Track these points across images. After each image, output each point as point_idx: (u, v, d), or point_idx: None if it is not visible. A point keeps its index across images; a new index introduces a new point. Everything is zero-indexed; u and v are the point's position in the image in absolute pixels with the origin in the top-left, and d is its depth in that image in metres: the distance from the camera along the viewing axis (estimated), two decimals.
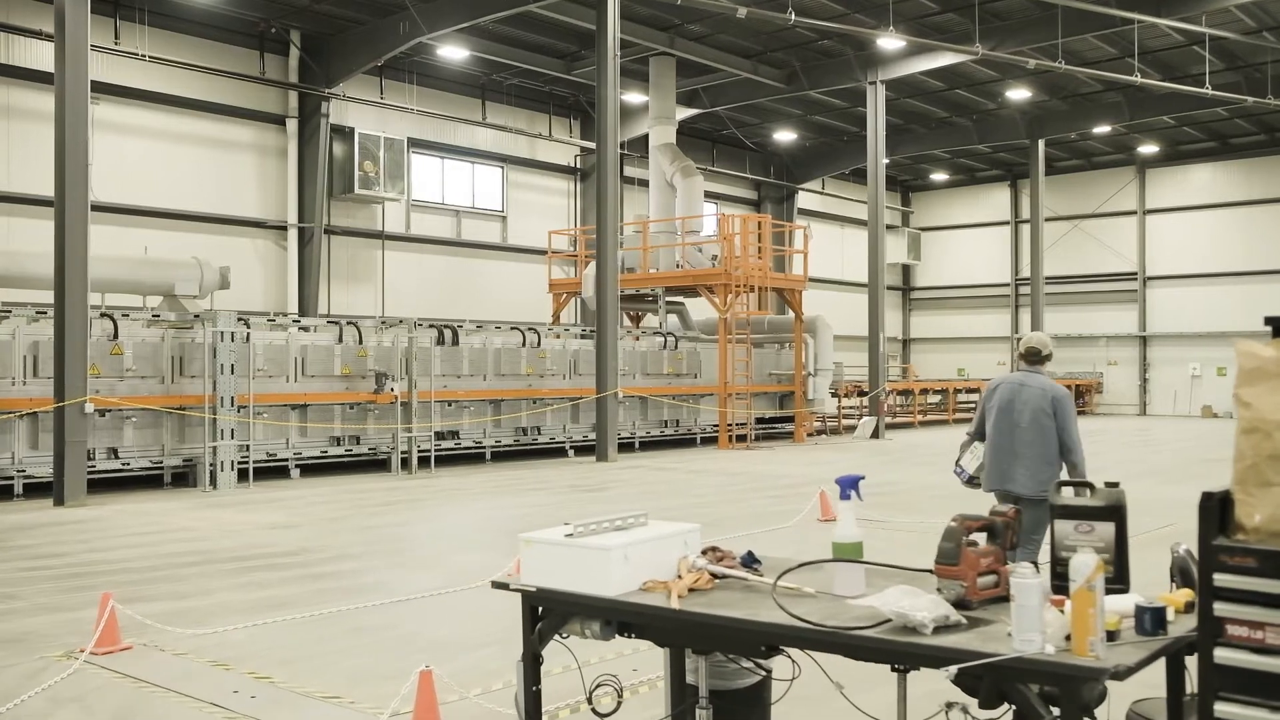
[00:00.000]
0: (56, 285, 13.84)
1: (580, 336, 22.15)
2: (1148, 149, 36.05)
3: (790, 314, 25.97)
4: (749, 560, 3.64)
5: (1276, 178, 35.16)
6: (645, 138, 26.94)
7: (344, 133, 24.19)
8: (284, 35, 23.31)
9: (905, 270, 42.85)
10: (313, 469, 17.49)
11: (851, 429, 27.56)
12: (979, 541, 3.24)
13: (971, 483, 7.09)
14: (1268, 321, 2.88)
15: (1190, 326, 36.22)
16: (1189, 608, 2.95)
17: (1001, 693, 2.80)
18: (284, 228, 23.58)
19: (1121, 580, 3.21)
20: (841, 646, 2.98)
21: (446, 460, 19.26)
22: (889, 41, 23.32)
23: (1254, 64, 26.90)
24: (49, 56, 15.93)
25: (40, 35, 19.07)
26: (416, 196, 26.22)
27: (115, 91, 20.73)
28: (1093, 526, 3.20)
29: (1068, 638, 2.70)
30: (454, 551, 10.38)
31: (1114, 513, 3.21)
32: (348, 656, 6.53)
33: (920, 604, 2.92)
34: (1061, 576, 3.10)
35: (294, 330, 17.70)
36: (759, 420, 25.22)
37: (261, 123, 23.34)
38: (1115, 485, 3.28)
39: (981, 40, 23.07)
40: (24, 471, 14.41)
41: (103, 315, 15.44)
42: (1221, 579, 2.60)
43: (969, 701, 3.00)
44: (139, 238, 20.05)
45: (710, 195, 31.72)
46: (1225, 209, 36.12)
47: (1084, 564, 2.67)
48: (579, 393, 21.10)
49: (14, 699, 5.60)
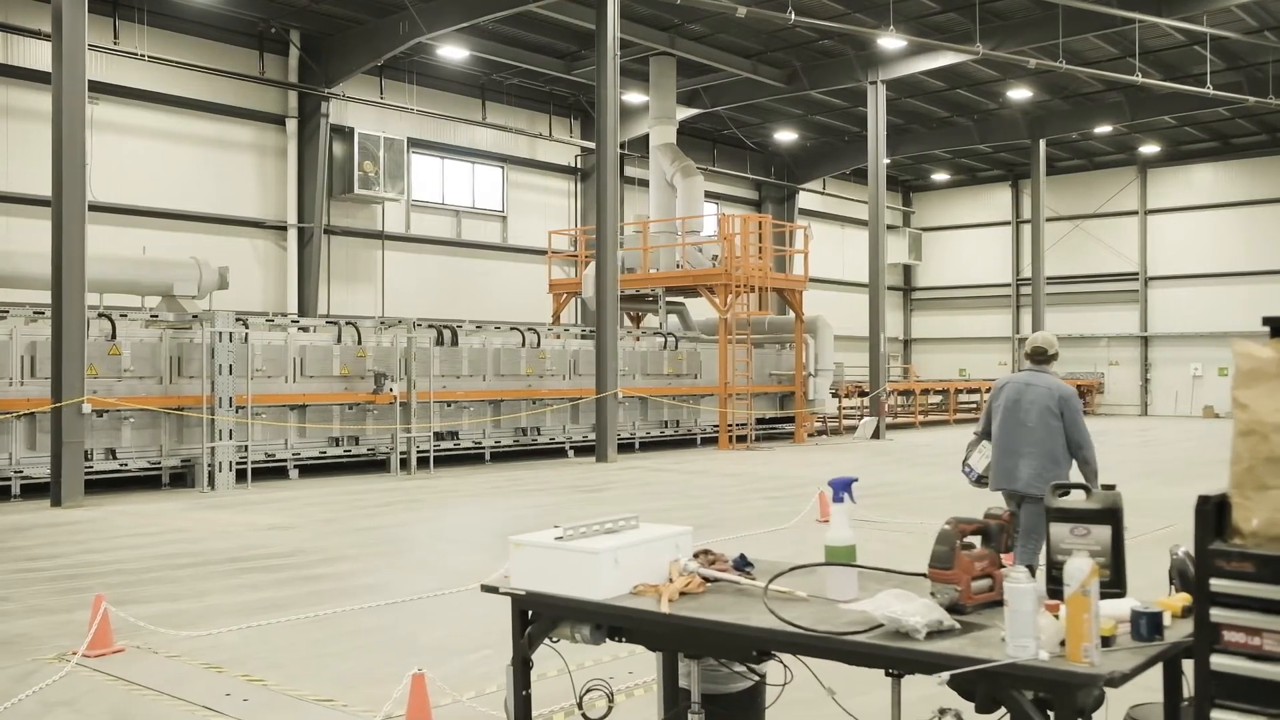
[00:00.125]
0: (54, 285, 13.81)
1: (580, 337, 22.10)
2: (1149, 149, 35.99)
3: (791, 314, 25.92)
4: (741, 563, 3.60)
5: (1278, 178, 35.10)
6: (646, 138, 26.90)
7: (344, 133, 24.16)
8: (284, 35, 23.28)
9: (906, 270, 42.79)
10: (311, 470, 17.46)
11: (852, 429, 27.52)
12: (975, 544, 3.20)
13: (980, 482, 7.19)
14: (1266, 322, 2.82)
15: (1192, 327, 36.16)
16: (1186, 612, 2.90)
17: (996, 698, 2.76)
18: (283, 228, 23.55)
19: (1118, 584, 3.17)
20: (833, 652, 2.93)
21: (446, 461, 19.23)
22: (889, 41, 23.28)
23: (1255, 64, 26.84)
24: (48, 56, 15.92)
25: (39, 35, 19.04)
26: (416, 196, 26.19)
27: (114, 91, 20.71)
28: (1089, 529, 3.16)
29: (1062, 643, 2.66)
30: (451, 553, 10.35)
31: (1110, 515, 3.17)
32: (342, 659, 6.50)
33: (913, 608, 2.87)
34: (1057, 580, 3.06)
35: (293, 330, 17.67)
36: (759, 421, 25.17)
37: (261, 123, 23.31)
38: (1111, 488, 3.24)
39: (982, 40, 23.03)
40: (21, 472, 14.38)
41: (101, 315, 15.41)
42: (1218, 584, 2.55)
43: (964, 706, 2.96)
44: (138, 238, 20.03)
45: (711, 195, 31.68)
46: (1227, 209, 36.05)
47: (1078, 569, 2.62)
48: (579, 393, 21.06)
49: (5, 702, 5.56)
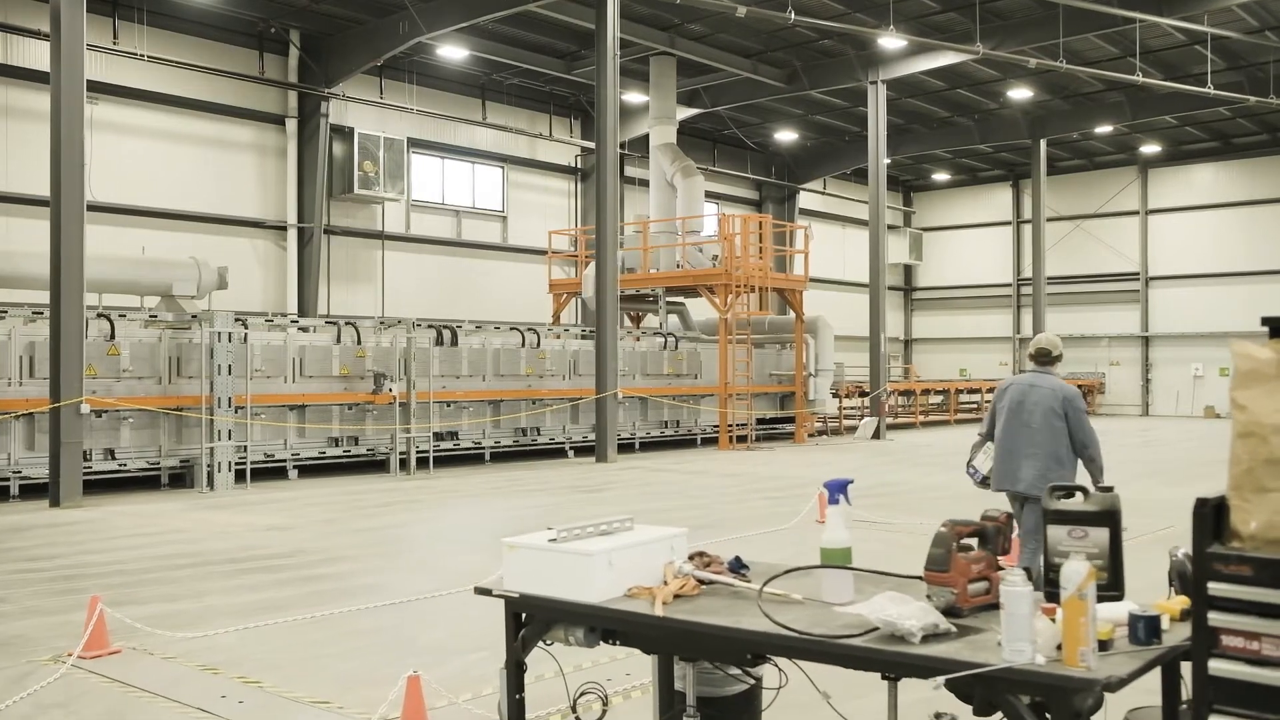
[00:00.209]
0: (52, 285, 13.79)
1: (580, 337, 22.07)
2: (1150, 149, 35.94)
3: (791, 314, 25.89)
4: (736, 565, 3.57)
5: (1279, 177, 35.05)
6: (646, 137, 26.86)
7: (344, 133, 24.14)
8: (283, 35, 23.26)
9: (907, 270, 42.75)
10: (311, 470, 17.43)
11: (852, 430, 27.48)
12: (973, 546, 3.17)
13: (984, 483, 7.26)
14: (1265, 322, 2.78)
15: (1193, 327, 36.11)
16: (1185, 615, 2.87)
17: (992, 702, 2.74)
18: (283, 228, 23.53)
19: (1116, 587, 3.13)
20: (827, 656, 2.90)
21: (445, 461, 19.20)
22: (890, 41, 23.25)
23: (1256, 63, 26.80)
24: (47, 56, 15.88)
25: (38, 35, 19.01)
26: (416, 196, 26.16)
27: (114, 91, 20.70)
28: (1086, 532, 3.12)
29: (1059, 647, 2.63)
30: (451, 553, 10.32)
31: (1108, 518, 3.13)
32: (339, 660, 6.47)
33: (908, 611, 2.84)
34: (1054, 583, 3.03)
35: (292, 331, 17.65)
36: (759, 421, 25.14)
37: (261, 123, 23.29)
38: (1109, 489, 3.21)
39: (982, 40, 22.99)
40: (20, 472, 14.35)
41: (99, 316, 15.38)
42: (1216, 588, 2.52)
43: (962, 709, 2.93)
44: (137, 238, 20.01)
45: (711, 195, 31.65)
46: (1228, 209, 36.00)
47: (1075, 572, 2.59)
48: (579, 393, 21.03)
49: None
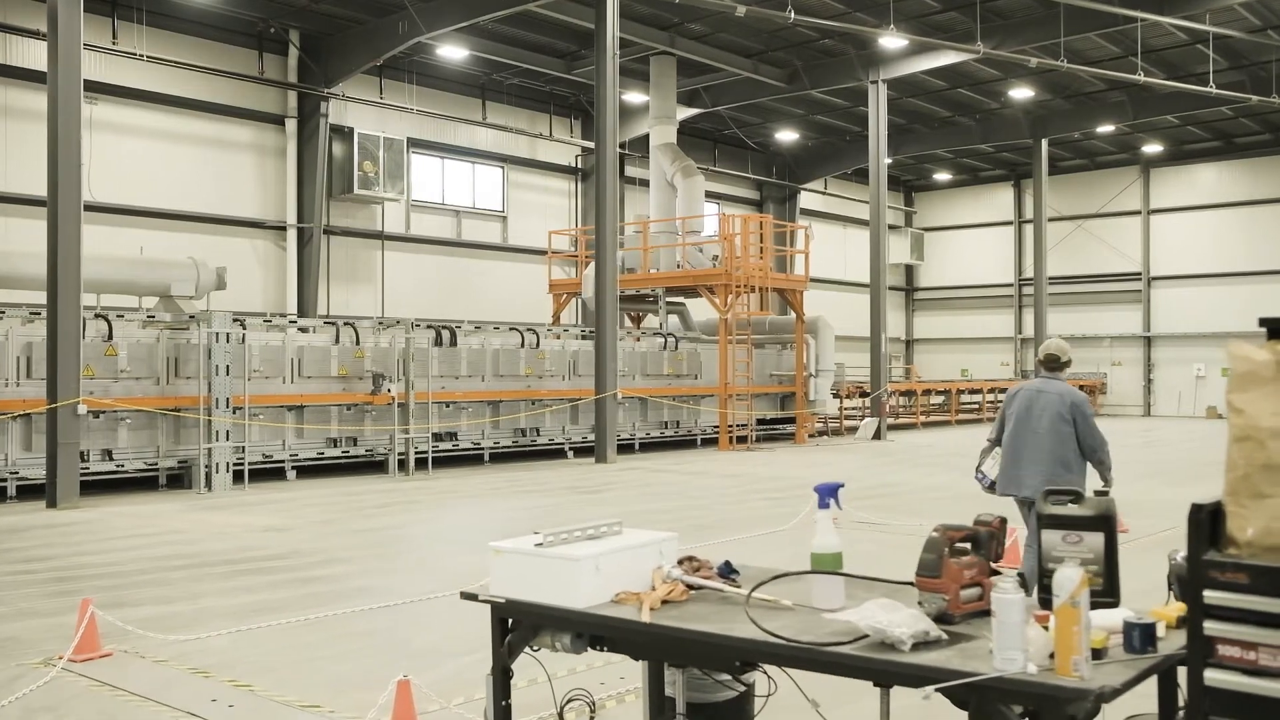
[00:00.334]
0: (49, 285, 13.75)
1: (580, 337, 22.01)
2: (1152, 148, 35.86)
3: (792, 314, 25.82)
4: (726, 570, 3.51)
5: None
6: (646, 137, 26.80)
7: (343, 133, 24.10)
8: (283, 35, 23.22)
9: (908, 270, 42.68)
10: (309, 471, 17.39)
11: (853, 430, 27.42)
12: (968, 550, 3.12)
13: (992, 488, 7.35)
14: (1263, 323, 2.71)
15: (1195, 327, 36.01)
16: (1182, 622, 2.81)
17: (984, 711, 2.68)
18: (283, 228, 23.49)
19: (1112, 593, 3.07)
20: (816, 663, 2.84)
21: (444, 462, 19.15)
22: (890, 40, 23.19)
23: (1258, 62, 26.72)
24: (45, 56, 15.82)
25: (37, 35, 18.95)
26: (416, 197, 26.12)
27: (113, 91, 20.67)
28: (1081, 537, 3.06)
29: (1052, 656, 2.57)
30: (448, 554, 10.26)
31: (1103, 522, 3.07)
32: (332, 663, 6.42)
33: (899, 619, 2.79)
34: (1049, 589, 2.97)
35: (290, 331, 17.60)
36: (760, 421, 25.07)
37: (260, 123, 23.25)
38: (1105, 494, 3.16)
39: (983, 39, 22.93)
40: (17, 473, 14.31)
41: (97, 316, 15.36)
42: (1212, 596, 2.46)
43: (958, 715, 2.87)
44: (136, 238, 19.97)
45: (712, 195, 31.59)
46: (1230, 209, 35.91)
47: (1068, 578, 2.54)
48: (578, 394, 20.98)
49: None
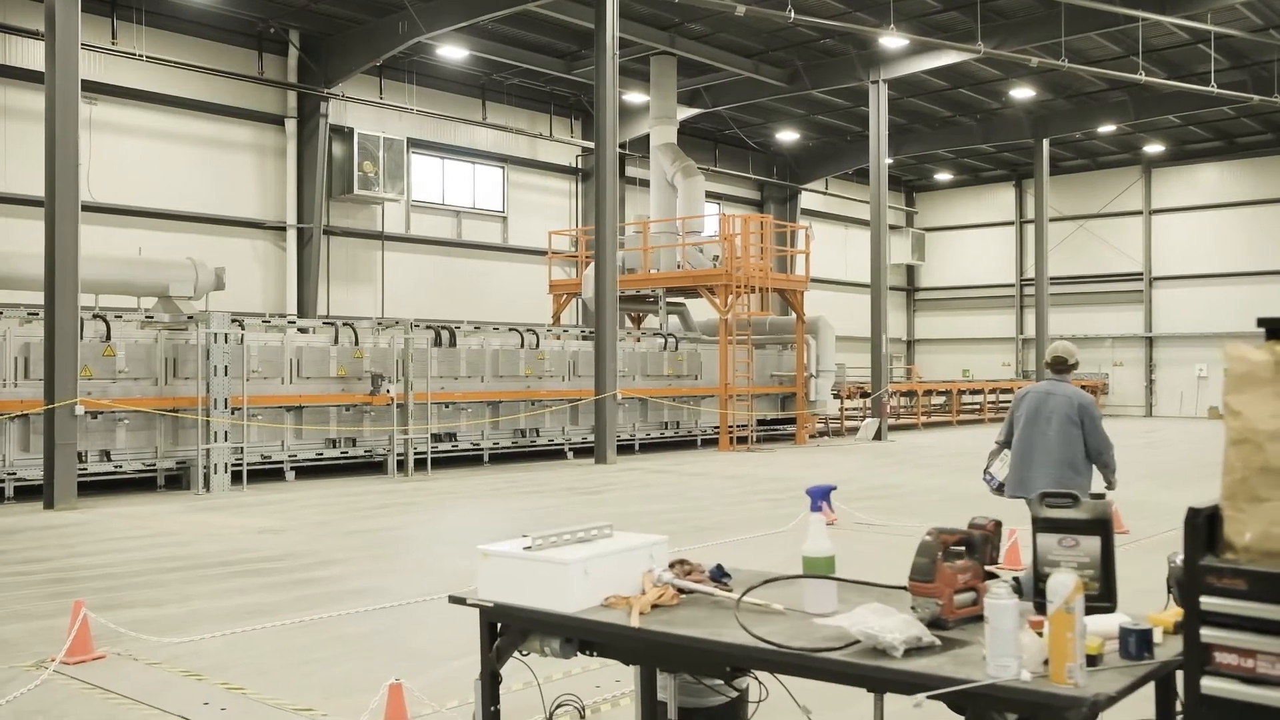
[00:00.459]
0: (46, 285, 13.72)
1: (579, 338, 21.96)
2: (1153, 148, 35.78)
3: (792, 315, 25.77)
4: (718, 574, 3.46)
5: None
6: (647, 137, 26.75)
7: (343, 133, 24.06)
8: (283, 35, 23.18)
9: (909, 271, 42.62)
10: (308, 471, 17.35)
11: (854, 431, 27.37)
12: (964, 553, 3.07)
13: (1000, 490, 7.37)
14: (1261, 323, 2.66)
15: (1196, 327, 35.93)
16: (1179, 628, 2.76)
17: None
18: (283, 228, 23.45)
19: (1108, 598, 3.03)
20: (806, 670, 2.80)
21: (443, 463, 19.10)
22: (891, 40, 23.13)
23: (1260, 62, 26.65)
24: (43, 56, 15.80)
25: (36, 35, 18.91)
26: (416, 197, 26.08)
27: (112, 92, 20.64)
28: (1077, 541, 3.02)
29: (1046, 662, 2.52)
30: (446, 556, 10.22)
31: (1100, 526, 3.03)
32: (326, 666, 6.38)
33: (891, 624, 2.74)
34: (1044, 594, 2.93)
35: (289, 332, 17.56)
36: (760, 422, 25.01)
37: (260, 123, 23.22)
38: (1101, 497, 3.11)
39: (984, 39, 22.87)
40: (14, 474, 14.27)
41: (95, 316, 15.32)
42: (1209, 602, 2.40)
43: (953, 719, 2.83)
44: (136, 238, 19.94)
45: (713, 195, 31.55)
46: (1232, 209, 35.84)
47: (1062, 584, 2.49)
48: (578, 394, 20.93)
49: None
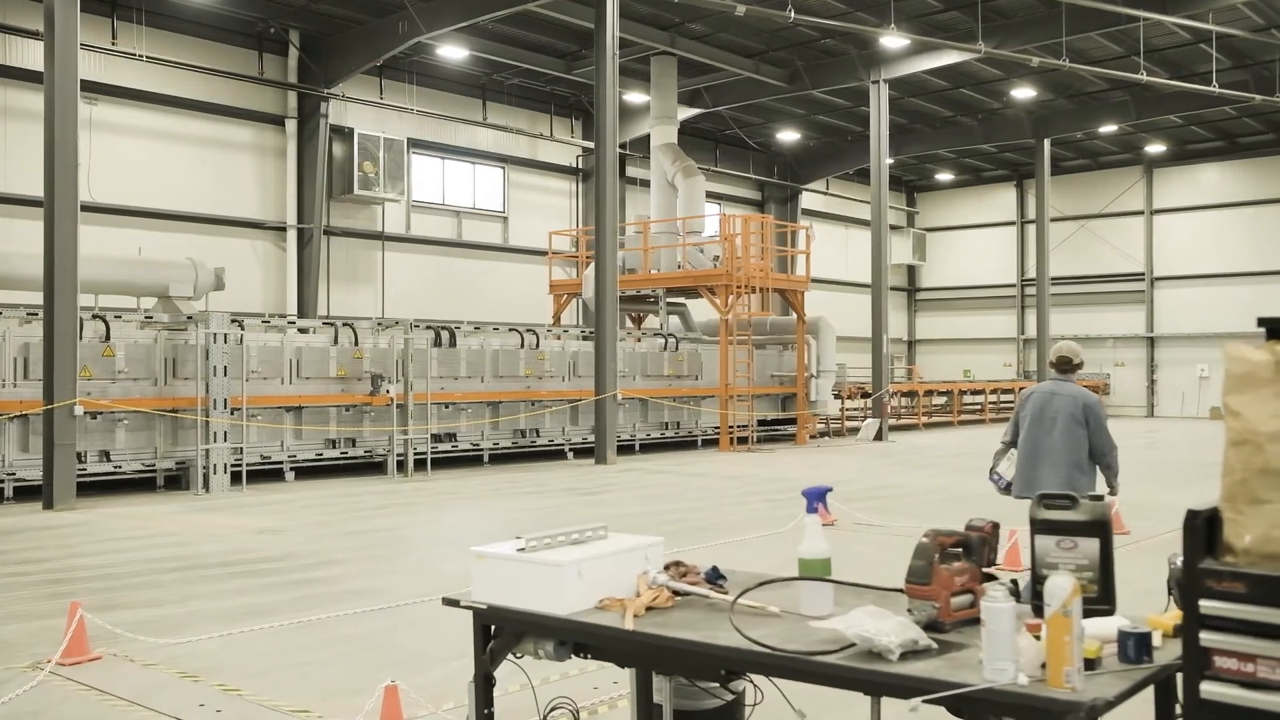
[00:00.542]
0: (45, 286, 13.70)
1: (580, 338, 21.93)
2: (1155, 148, 35.73)
3: (793, 315, 25.74)
4: (714, 576, 3.44)
5: None
6: (647, 138, 26.71)
7: (343, 133, 24.04)
8: (283, 35, 23.16)
9: (910, 271, 42.57)
10: (307, 472, 17.33)
11: (855, 431, 27.33)
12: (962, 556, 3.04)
13: (1008, 490, 7.36)
14: (1261, 323, 2.62)
15: (1198, 327, 35.88)
16: (1179, 631, 2.73)
17: None
18: (283, 229, 23.43)
19: (1107, 600, 3.00)
20: (801, 673, 2.77)
21: (443, 463, 19.08)
22: (891, 40, 23.09)
23: (1262, 62, 26.61)
24: (42, 56, 15.79)
25: (36, 35, 18.89)
26: (416, 197, 26.06)
27: (112, 92, 20.62)
28: (1076, 543, 2.99)
29: (1044, 666, 2.50)
30: (444, 557, 10.18)
31: (1098, 528, 3.00)
32: (323, 667, 6.36)
33: (887, 627, 2.71)
34: (1042, 596, 2.90)
35: (289, 332, 17.53)
36: (760, 422, 24.98)
37: (260, 123, 23.20)
38: (1100, 498, 3.08)
39: (985, 39, 22.83)
40: (14, 474, 14.26)
41: (95, 317, 15.30)
42: (1208, 605, 2.37)
43: None
44: (135, 238, 19.91)
45: (714, 196, 31.52)
46: (1233, 209, 35.78)
47: (1059, 587, 2.46)
48: (578, 394, 20.90)
49: None
